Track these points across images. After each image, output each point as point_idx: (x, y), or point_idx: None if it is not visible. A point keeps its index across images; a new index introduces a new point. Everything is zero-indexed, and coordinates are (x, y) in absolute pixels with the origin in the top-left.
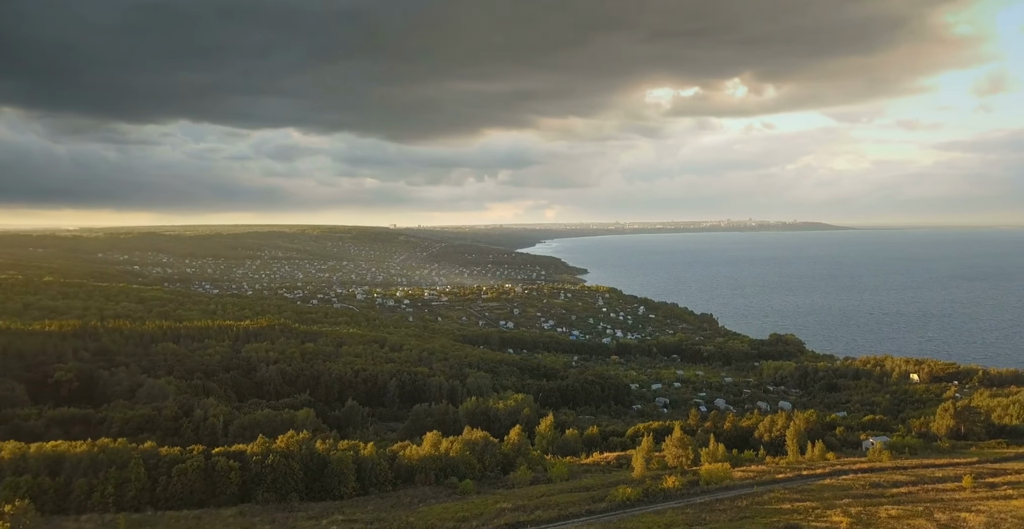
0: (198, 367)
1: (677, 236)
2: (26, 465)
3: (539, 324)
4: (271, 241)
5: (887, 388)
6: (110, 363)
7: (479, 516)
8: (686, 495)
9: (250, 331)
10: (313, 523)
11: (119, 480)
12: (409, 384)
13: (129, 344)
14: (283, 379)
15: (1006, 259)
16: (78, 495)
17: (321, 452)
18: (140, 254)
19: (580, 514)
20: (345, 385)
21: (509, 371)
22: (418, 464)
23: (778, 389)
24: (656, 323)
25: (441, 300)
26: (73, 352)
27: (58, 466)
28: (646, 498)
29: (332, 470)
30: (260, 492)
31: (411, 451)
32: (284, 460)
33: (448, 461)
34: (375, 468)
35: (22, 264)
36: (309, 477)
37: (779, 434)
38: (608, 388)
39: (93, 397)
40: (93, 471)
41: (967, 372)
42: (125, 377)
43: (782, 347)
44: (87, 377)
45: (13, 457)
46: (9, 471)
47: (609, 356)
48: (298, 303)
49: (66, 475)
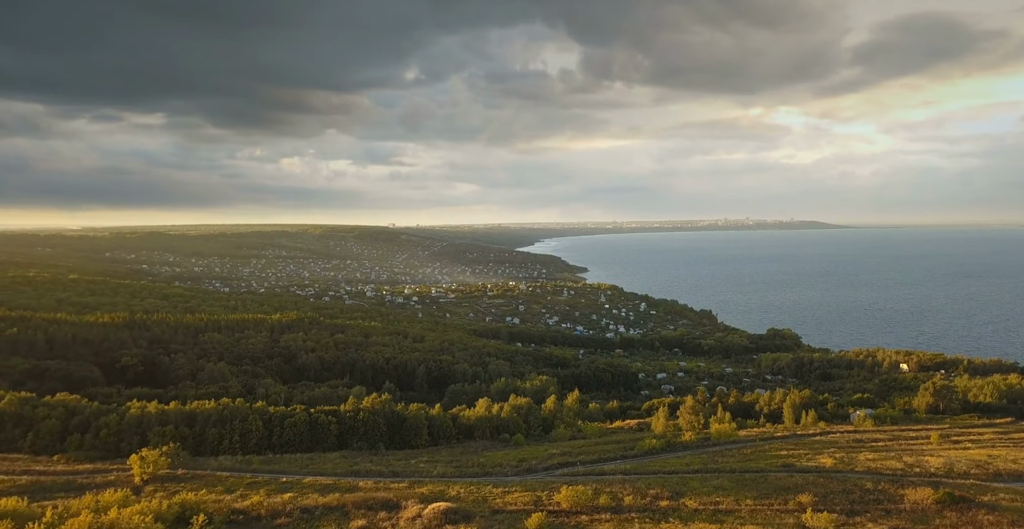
0: (245, 354)
1: (676, 235)
2: (167, 418)
3: (544, 320)
4: (274, 240)
5: (878, 376)
6: (166, 350)
7: (534, 458)
8: (701, 447)
9: (284, 323)
10: (404, 462)
11: (242, 430)
12: (435, 370)
13: (178, 334)
14: (322, 365)
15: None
16: (211, 441)
17: (400, 411)
18: (147, 253)
19: (615, 458)
20: (378, 371)
21: (524, 360)
22: (476, 423)
23: (775, 378)
24: (657, 319)
25: (448, 297)
26: (132, 340)
27: (192, 419)
28: (668, 448)
29: (409, 425)
30: (354, 441)
31: (469, 413)
32: (372, 416)
33: (500, 421)
34: (442, 425)
35: (39, 263)
36: (391, 431)
37: (777, 407)
38: (618, 376)
39: (156, 379)
40: (221, 423)
41: (953, 362)
42: (185, 362)
43: (779, 341)
44: (150, 362)
45: (158, 412)
46: (156, 422)
47: (613, 350)
48: (311, 300)
49: (199, 426)
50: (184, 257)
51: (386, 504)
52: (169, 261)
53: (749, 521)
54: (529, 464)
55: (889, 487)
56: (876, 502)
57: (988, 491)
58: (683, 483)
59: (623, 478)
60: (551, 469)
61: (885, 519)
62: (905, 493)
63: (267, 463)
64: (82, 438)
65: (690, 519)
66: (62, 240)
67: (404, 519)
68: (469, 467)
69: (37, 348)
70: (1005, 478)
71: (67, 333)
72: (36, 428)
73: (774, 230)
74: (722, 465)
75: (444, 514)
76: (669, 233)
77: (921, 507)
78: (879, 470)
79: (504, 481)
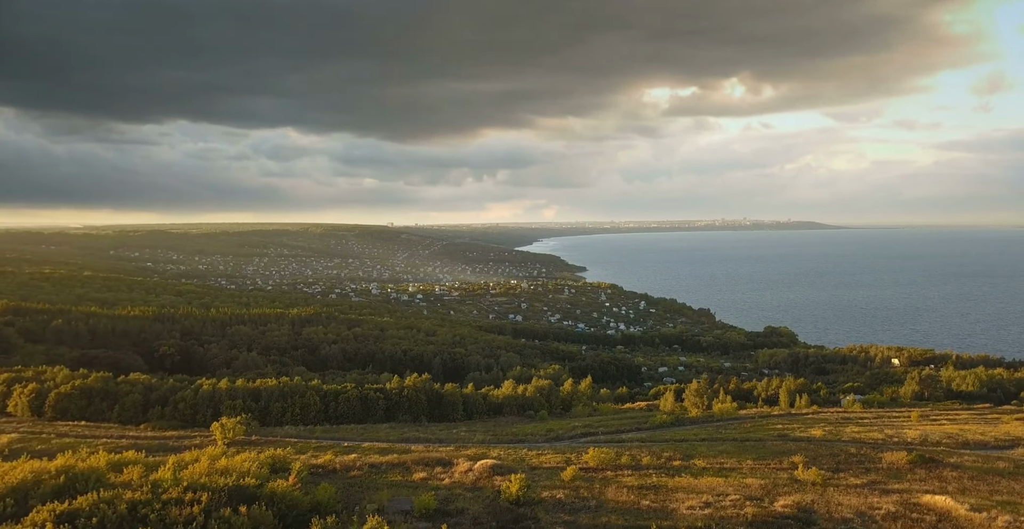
0: (271, 346)
1: (673, 235)
2: (236, 394)
3: (546, 318)
4: (276, 239)
5: (870, 370)
6: (198, 341)
7: (560, 429)
8: (706, 421)
9: (303, 318)
10: (445, 432)
11: (302, 404)
12: (450, 362)
13: (207, 327)
14: (344, 356)
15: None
16: (275, 414)
17: (437, 389)
18: (150, 251)
19: (631, 429)
20: (396, 362)
21: (533, 353)
22: (504, 401)
23: (772, 372)
24: (656, 317)
25: (452, 295)
26: (166, 332)
27: (257, 395)
28: (677, 422)
29: (446, 401)
30: (400, 414)
31: (497, 392)
32: (415, 393)
33: (525, 399)
34: (475, 402)
35: (50, 260)
36: (431, 406)
37: (774, 392)
38: (622, 368)
39: (192, 368)
40: (283, 398)
41: (943, 357)
42: (218, 352)
43: (776, 338)
44: (185, 351)
45: (227, 388)
46: (226, 397)
47: (615, 346)
48: (319, 297)
49: (264, 401)
50: (187, 255)
51: (440, 462)
52: (173, 259)
53: (750, 475)
54: (556, 433)
55: (870, 451)
56: (858, 462)
57: (955, 455)
58: (692, 448)
59: (640, 444)
60: (576, 437)
61: (865, 475)
62: (883, 456)
63: (327, 432)
64: (162, 410)
65: (699, 474)
66: (66, 238)
67: (458, 472)
68: (504, 436)
69: (81, 338)
70: (972, 446)
71: (106, 325)
72: (122, 401)
73: (771, 230)
74: (726, 435)
75: (491, 468)
76: (667, 233)
77: (896, 466)
78: (862, 440)
79: (536, 446)
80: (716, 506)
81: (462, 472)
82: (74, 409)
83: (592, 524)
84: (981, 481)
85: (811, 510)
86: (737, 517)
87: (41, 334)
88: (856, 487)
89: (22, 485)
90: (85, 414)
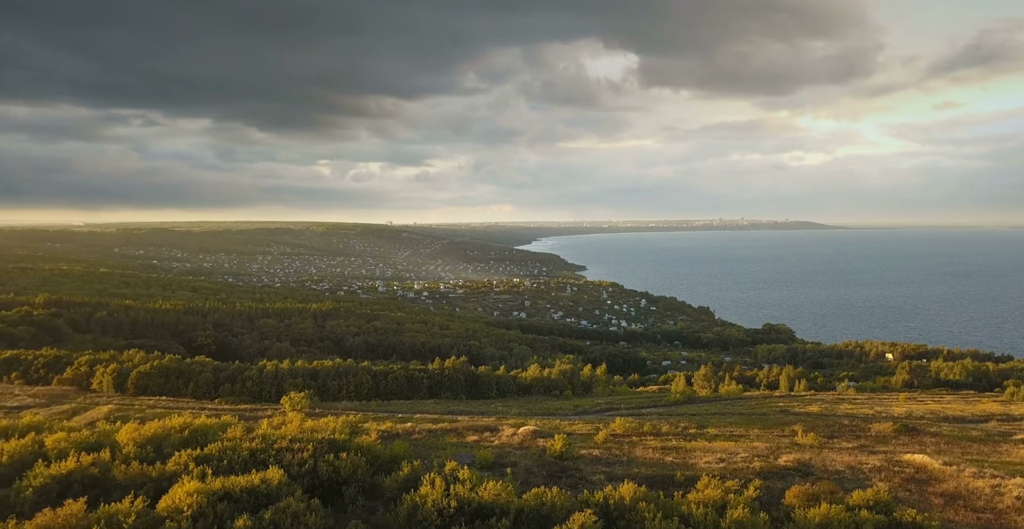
0: (299, 337)
1: (671, 235)
2: (297, 373)
3: (550, 315)
4: (278, 237)
5: (864, 364)
6: (231, 333)
7: (586, 405)
8: (715, 400)
9: (324, 312)
10: (484, 406)
11: (355, 383)
12: (466, 353)
13: (236, 320)
14: (367, 348)
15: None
16: (332, 391)
17: (473, 370)
18: (154, 249)
19: (648, 406)
20: (416, 353)
21: (543, 346)
22: (532, 382)
23: (771, 366)
24: (657, 315)
25: (457, 292)
26: (201, 324)
27: (316, 375)
28: (689, 400)
29: (482, 381)
30: (442, 392)
31: (525, 374)
32: (454, 373)
33: (550, 381)
34: (506, 382)
35: (60, 257)
36: (468, 385)
37: (775, 378)
38: (628, 361)
39: (227, 357)
40: (338, 377)
41: (934, 352)
42: (251, 342)
43: (774, 335)
44: (220, 342)
45: (289, 368)
46: (288, 376)
47: (618, 342)
48: (327, 294)
49: (321, 380)
50: (191, 253)
51: (487, 428)
52: (178, 257)
53: (756, 440)
54: (583, 408)
55: (860, 423)
56: (850, 431)
57: (935, 426)
58: (705, 420)
59: (658, 416)
60: (600, 412)
61: (855, 440)
62: (872, 426)
63: (380, 406)
64: (232, 387)
65: (713, 439)
66: (70, 236)
67: (505, 436)
68: (537, 410)
69: (123, 329)
70: (951, 420)
71: (145, 317)
72: (195, 379)
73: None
74: (734, 410)
75: (533, 433)
76: (664, 233)
77: (883, 434)
78: (854, 414)
79: (567, 418)
80: (729, 461)
81: (508, 436)
82: (153, 386)
83: (626, 473)
84: (956, 445)
85: (809, 464)
86: (747, 469)
87: (86, 325)
88: (848, 449)
89: (155, 437)
90: (163, 390)
